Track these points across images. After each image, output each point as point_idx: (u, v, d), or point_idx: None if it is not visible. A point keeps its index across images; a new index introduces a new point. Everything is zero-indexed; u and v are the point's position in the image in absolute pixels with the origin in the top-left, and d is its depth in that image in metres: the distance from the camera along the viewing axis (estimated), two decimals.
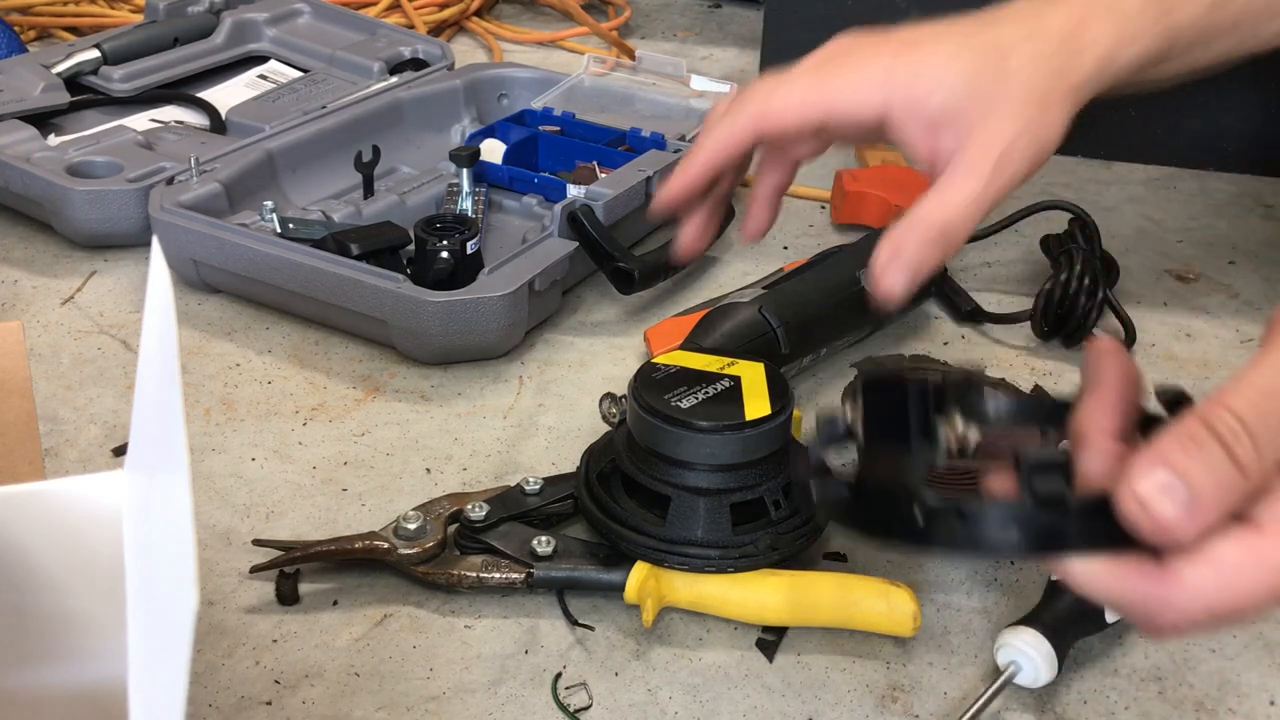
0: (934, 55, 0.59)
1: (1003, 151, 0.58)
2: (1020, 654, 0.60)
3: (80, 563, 0.48)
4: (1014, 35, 0.59)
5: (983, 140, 0.58)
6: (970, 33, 0.60)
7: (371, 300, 0.81)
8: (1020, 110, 0.58)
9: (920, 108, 0.58)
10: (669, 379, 0.65)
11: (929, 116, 0.58)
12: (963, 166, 0.58)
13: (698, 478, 0.63)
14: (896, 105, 0.59)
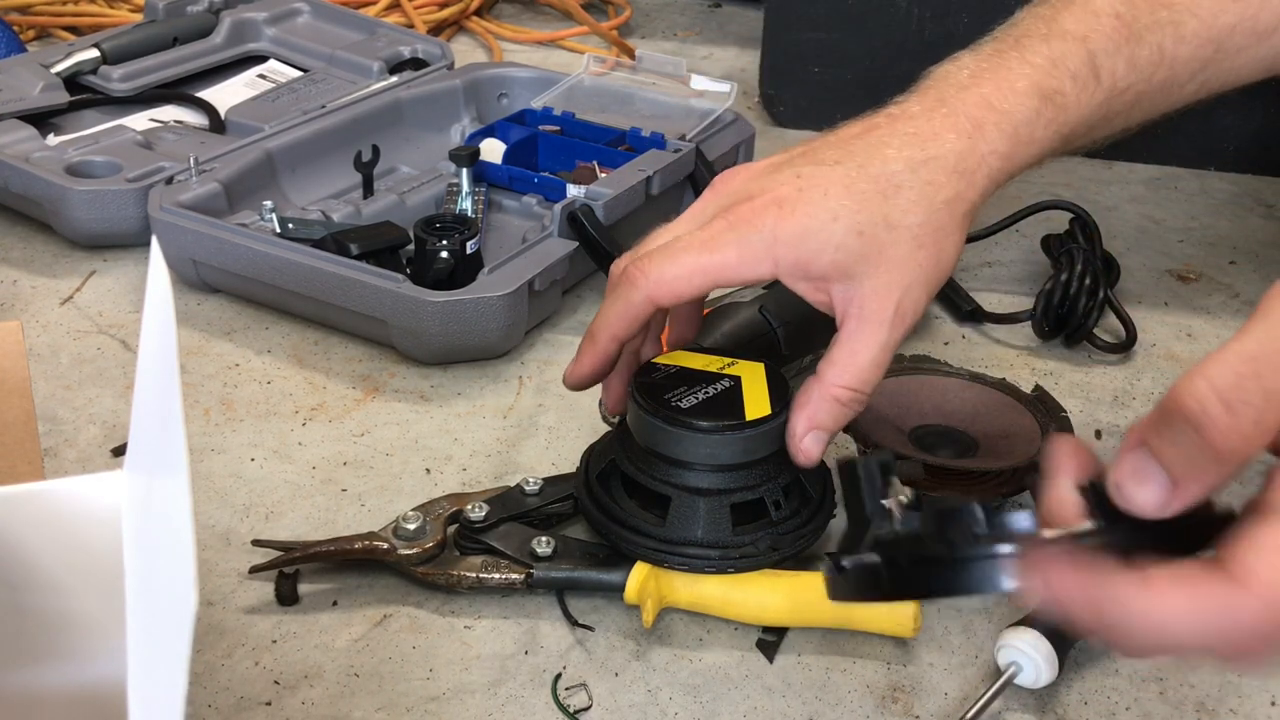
0: (818, 215, 0.58)
1: (898, 302, 0.59)
2: (1021, 654, 0.60)
3: (80, 563, 0.48)
4: (903, 164, 0.59)
5: (879, 293, 0.59)
6: (857, 163, 0.59)
7: (371, 300, 0.81)
8: (912, 256, 0.59)
9: (808, 268, 0.59)
10: (669, 379, 0.64)
11: (818, 274, 0.59)
12: (862, 324, 0.59)
13: (698, 478, 0.62)
14: (784, 268, 0.59)
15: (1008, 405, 0.73)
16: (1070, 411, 0.73)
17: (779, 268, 0.60)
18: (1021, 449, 0.69)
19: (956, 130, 0.60)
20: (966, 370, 0.76)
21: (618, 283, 0.62)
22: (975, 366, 0.81)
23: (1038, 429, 0.70)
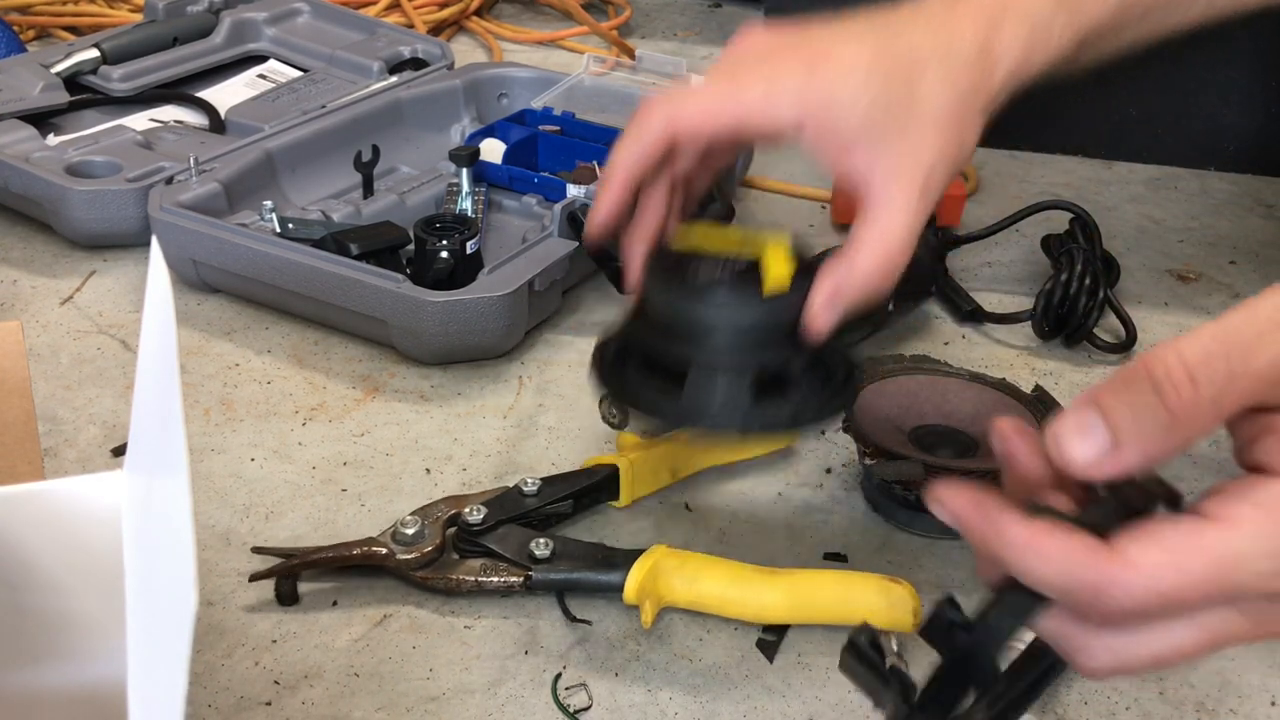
0: (848, 76, 0.58)
1: (925, 179, 0.58)
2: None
3: (80, 563, 0.48)
4: (927, 49, 0.59)
5: (905, 166, 0.58)
6: (882, 41, 0.59)
7: (371, 300, 0.81)
8: (936, 134, 0.58)
9: (834, 130, 0.58)
10: (687, 254, 0.61)
11: (843, 139, 0.58)
12: (889, 198, 0.58)
13: (715, 353, 0.58)
14: (810, 125, 0.58)
15: (1008, 405, 0.73)
16: None
17: (804, 120, 0.58)
18: None
19: (975, 25, 0.59)
20: (966, 370, 0.76)
21: (635, 117, 0.61)
22: (975, 366, 0.81)
23: (1038, 429, 0.70)
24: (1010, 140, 1.17)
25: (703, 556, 0.64)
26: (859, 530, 0.71)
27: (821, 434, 0.78)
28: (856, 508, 0.73)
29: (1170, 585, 0.40)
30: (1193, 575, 0.40)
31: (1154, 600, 0.40)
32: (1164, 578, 0.40)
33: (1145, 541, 0.40)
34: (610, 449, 0.75)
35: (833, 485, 0.74)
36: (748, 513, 0.72)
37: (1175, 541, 0.40)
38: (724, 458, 0.75)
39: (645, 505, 0.72)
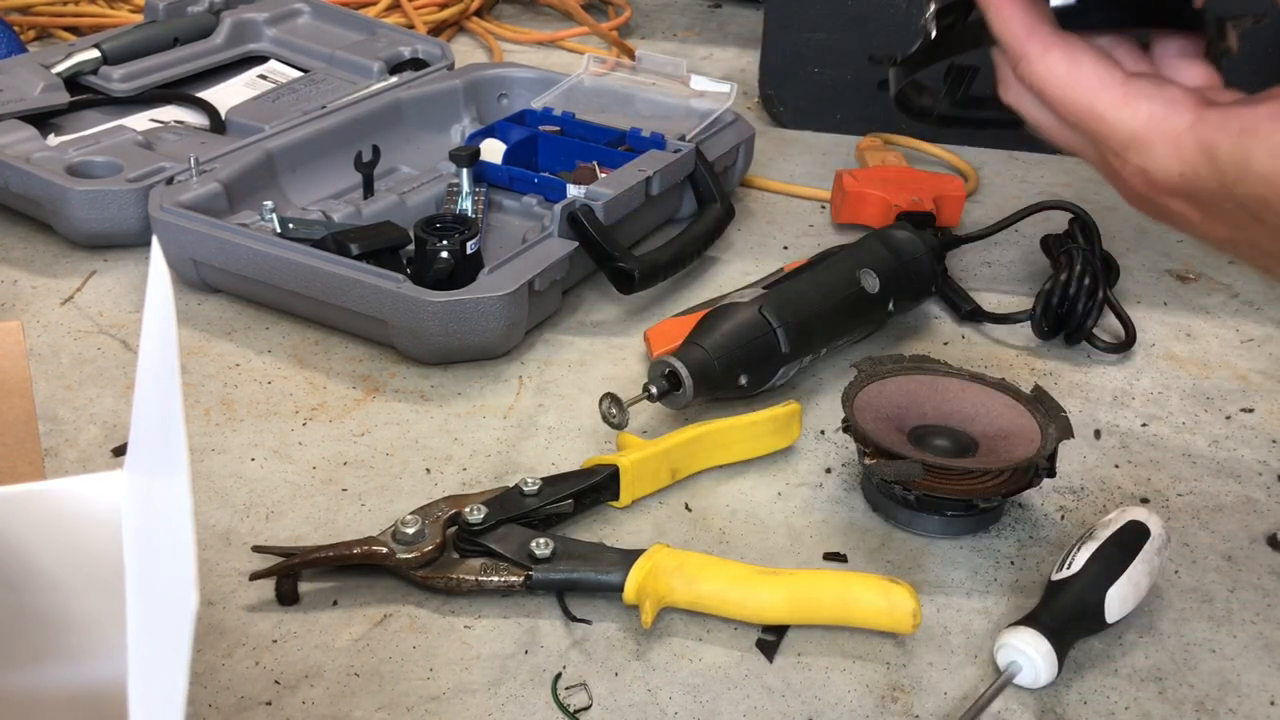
0: None
1: None
2: (1020, 654, 0.60)
3: (80, 563, 0.48)
4: None
5: None
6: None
7: (371, 300, 0.81)
8: None
9: None
10: None
11: None
12: None
13: None
14: None
15: (1007, 405, 0.73)
16: (1070, 411, 0.73)
17: None
18: (1021, 449, 0.69)
19: None
20: (966, 370, 0.76)
21: None
22: (975, 366, 0.81)
23: (1037, 429, 0.71)
24: (1010, 140, 1.17)
25: (703, 556, 0.64)
26: (859, 530, 0.71)
27: (822, 434, 0.78)
28: (856, 508, 0.73)
29: (1054, 94, 0.45)
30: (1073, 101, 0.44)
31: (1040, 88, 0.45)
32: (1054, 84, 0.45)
33: (1076, 54, 0.44)
34: (610, 449, 0.75)
35: (833, 485, 0.74)
36: (748, 513, 0.72)
37: (1089, 70, 0.44)
38: (724, 458, 0.75)
39: (645, 505, 0.72)
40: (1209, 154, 0.41)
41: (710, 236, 0.95)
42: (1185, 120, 0.42)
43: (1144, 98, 0.43)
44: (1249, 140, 0.40)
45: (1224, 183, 0.41)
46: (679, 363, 0.75)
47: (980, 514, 0.70)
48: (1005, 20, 0.45)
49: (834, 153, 1.17)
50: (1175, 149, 0.42)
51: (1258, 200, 0.41)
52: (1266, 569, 0.69)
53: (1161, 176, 0.43)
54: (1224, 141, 0.41)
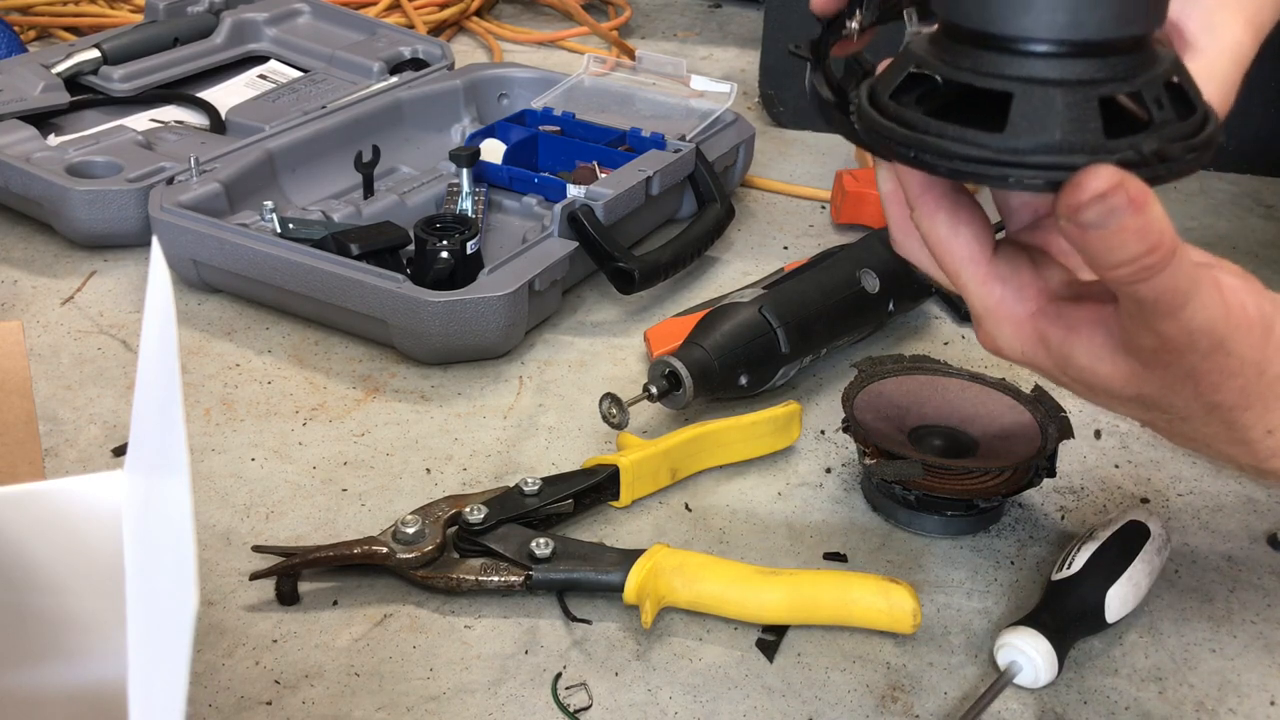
0: None
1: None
2: (1020, 654, 0.60)
3: (80, 563, 0.48)
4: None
5: None
6: None
7: (371, 300, 0.81)
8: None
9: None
10: None
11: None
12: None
13: (1051, 65, 0.44)
14: None
15: (1007, 405, 0.73)
16: (1070, 411, 0.73)
17: None
18: (1021, 448, 0.69)
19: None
20: (966, 370, 0.76)
21: None
22: (975, 366, 0.81)
23: (1037, 429, 0.71)
24: None
25: (703, 556, 0.64)
26: (859, 530, 0.71)
27: (822, 434, 0.78)
28: (856, 508, 0.73)
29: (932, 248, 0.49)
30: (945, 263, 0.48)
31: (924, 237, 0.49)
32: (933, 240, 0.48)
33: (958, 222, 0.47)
34: (610, 449, 0.75)
35: (833, 485, 0.74)
36: (748, 513, 0.72)
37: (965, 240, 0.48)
38: (724, 458, 0.75)
39: (645, 505, 0.72)
40: (1044, 341, 0.47)
41: (710, 236, 0.95)
42: (1027, 309, 0.47)
43: (998, 280, 0.47)
44: (1072, 337, 0.46)
45: (1057, 366, 0.48)
46: (679, 363, 0.75)
47: (980, 514, 0.70)
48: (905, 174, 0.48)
49: (834, 153, 1.17)
50: (1017, 331, 0.48)
51: (1084, 385, 0.49)
52: (1266, 569, 0.69)
53: (1007, 350, 0.49)
54: (1054, 335, 0.47)
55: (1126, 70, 0.45)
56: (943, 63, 0.46)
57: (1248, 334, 0.45)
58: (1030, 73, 0.44)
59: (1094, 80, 0.44)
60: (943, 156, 0.45)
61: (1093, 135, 0.44)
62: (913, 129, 0.46)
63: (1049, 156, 0.44)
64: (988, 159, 0.45)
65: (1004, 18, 0.44)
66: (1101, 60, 0.44)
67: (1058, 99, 0.44)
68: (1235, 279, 0.47)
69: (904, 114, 0.47)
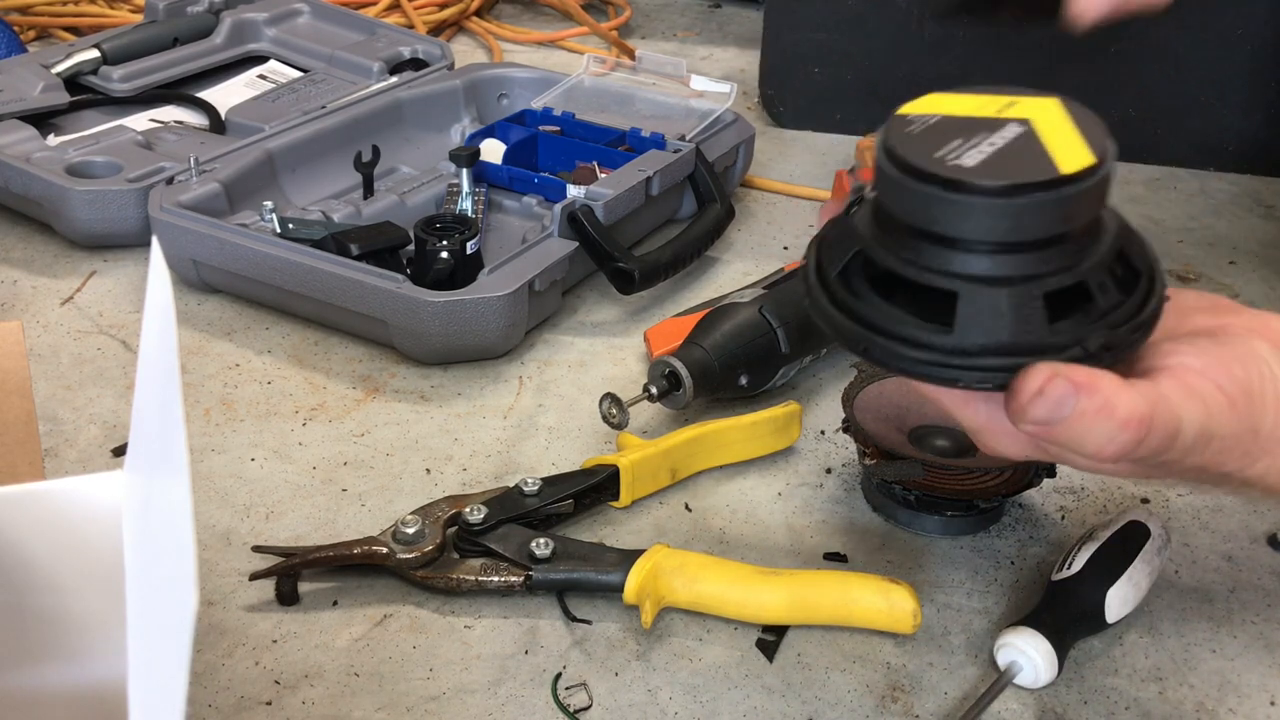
0: None
1: None
2: (1020, 654, 0.60)
3: (80, 563, 0.48)
4: None
5: None
6: None
7: (371, 300, 0.81)
8: None
9: None
10: (933, 130, 0.46)
11: None
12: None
13: (995, 262, 0.44)
14: None
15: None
16: None
17: None
18: None
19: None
20: None
21: None
22: None
23: None
24: None
25: (703, 556, 0.64)
26: (859, 530, 0.71)
27: (822, 434, 0.78)
28: (856, 508, 0.73)
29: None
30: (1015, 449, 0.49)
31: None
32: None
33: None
34: (610, 449, 0.75)
35: (833, 485, 0.74)
36: (748, 513, 0.72)
37: None
38: (724, 458, 0.75)
39: (645, 505, 0.72)
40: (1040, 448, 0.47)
41: (710, 236, 0.95)
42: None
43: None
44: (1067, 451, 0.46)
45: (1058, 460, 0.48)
46: (679, 363, 0.75)
47: (980, 514, 0.70)
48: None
49: (834, 153, 1.17)
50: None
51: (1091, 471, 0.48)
52: (1266, 569, 0.69)
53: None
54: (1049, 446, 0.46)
55: (1071, 258, 0.45)
56: (888, 250, 0.46)
57: (1229, 414, 0.45)
58: (974, 271, 0.44)
59: (1038, 275, 0.44)
60: (891, 355, 0.46)
61: (1038, 333, 0.44)
62: (861, 322, 0.47)
63: (996, 359, 0.44)
64: (937, 362, 0.45)
65: (942, 219, 0.44)
66: (1045, 253, 0.44)
67: (1003, 301, 0.44)
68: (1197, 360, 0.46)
69: (852, 304, 0.47)
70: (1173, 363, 0.45)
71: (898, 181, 0.45)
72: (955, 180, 0.43)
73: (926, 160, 0.44)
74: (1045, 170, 0.44)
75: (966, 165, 0.44)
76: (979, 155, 0.45)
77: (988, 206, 0.44)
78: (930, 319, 0.46)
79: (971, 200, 0.43)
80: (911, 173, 0.44)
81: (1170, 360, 0.45)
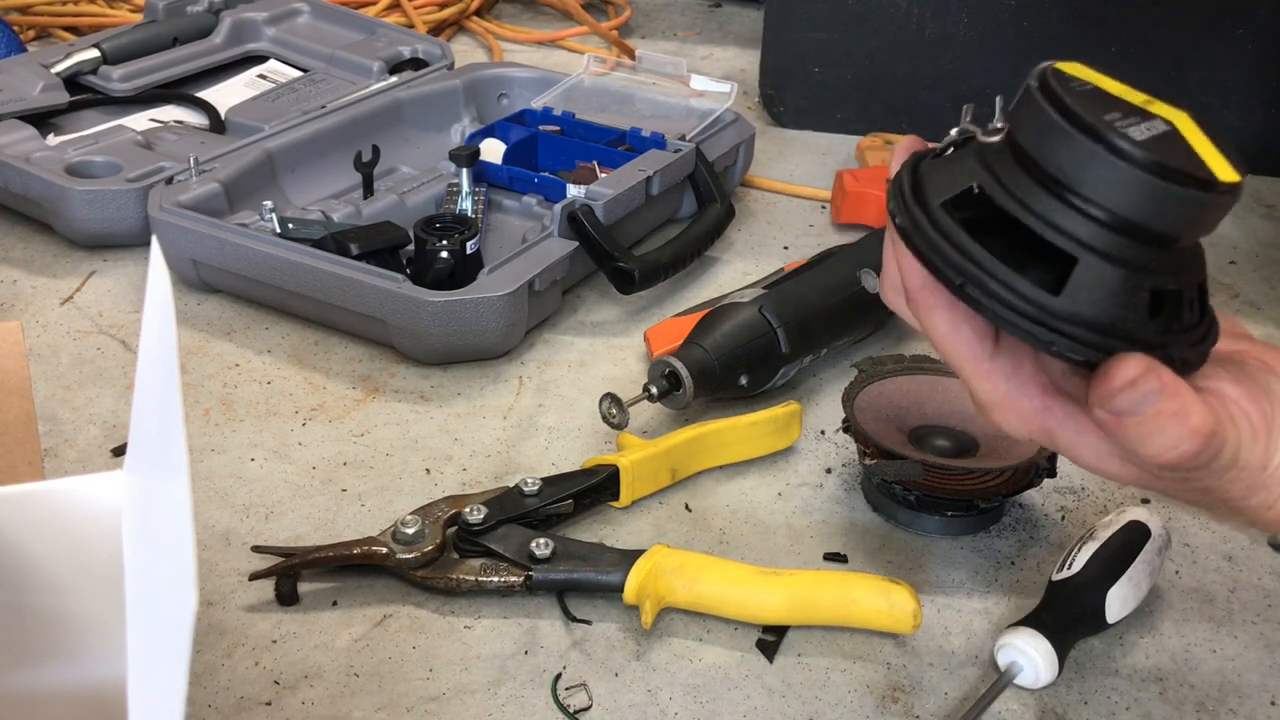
0: None
1: None
2: (1021, 654, 0.60)
3: (80, 563, 0.48)
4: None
5: None
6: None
7: (371, 300, 0.81)
8: None
9: None
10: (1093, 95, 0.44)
11: None
12: None
13: (1120, 242, 0.43)
14: None
15: None
16: None
17: None
18: (1022, 449, 0.69)
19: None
20: None
21: None
22: None
23: None
24: None
25: (703, 556, 0.64)
26: (859, 530, 0.71)
27: (822, 434, 0.78)
28: (856, 508, 0.73)
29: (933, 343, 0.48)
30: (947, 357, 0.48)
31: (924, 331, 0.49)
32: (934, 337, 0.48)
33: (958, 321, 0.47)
34: (610, 449, 0.75)
35: (833, 485, 0.74)
36: (748, 513, 0.72)
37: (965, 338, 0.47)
38: (724, 458, 0.75)
39: (645, 505, 0.72)
40: (1050, 436, 0.47)
41: (710, 236, 0.95)
42: (1032, 404, 0.47)
43: (1001, 376, 0.47)
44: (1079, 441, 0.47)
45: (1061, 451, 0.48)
46: (679, 363, 0.75)
47: (980, 514, 0.70)
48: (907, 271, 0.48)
49: (834, 153, 1.17)
50: (1024, 423, 0.48)
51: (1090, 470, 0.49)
52: (1266, 569, 0.69)
53: (1014, 433, 0.49)
54: (1061, 435, 0.47)
55: (1176, 265, 0.45)
56: (1009, 194, 0.44)
57: (1254, 444, 0.45)
58: (1097, 242, 0.43)
59: (1150, 269, 0.44)
60: (993, 299, 0.44)
61: (1137, 323, 0.44)
62: (967, 256, 0.45)
63: (1095, 335, 0.44)
64: (1036, 318, 0.44)
65: (1093, 182, 0.43)
66: (1160, 250, 0.44)
67: (1117, 280, 0.44)
68: (1234, 388, 0.46)
69: (956, 235, 0.45)
70: (1212, 385, 0.46)
71: (1062, 129, 0.43)
72: (1124, 149, 0.42)
73: (1099, 120, 0.42)
74: (1202, 171, 0.43)
75: (1135, 137, 0.42)
76: (1143, 133, 0.43)
77: (1146, 184, 0.42)
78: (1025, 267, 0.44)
79: (1133, 172, 0.42)
80: (1083, 127, 0.43)
81: (1210, 384, 0.46)
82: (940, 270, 0.45)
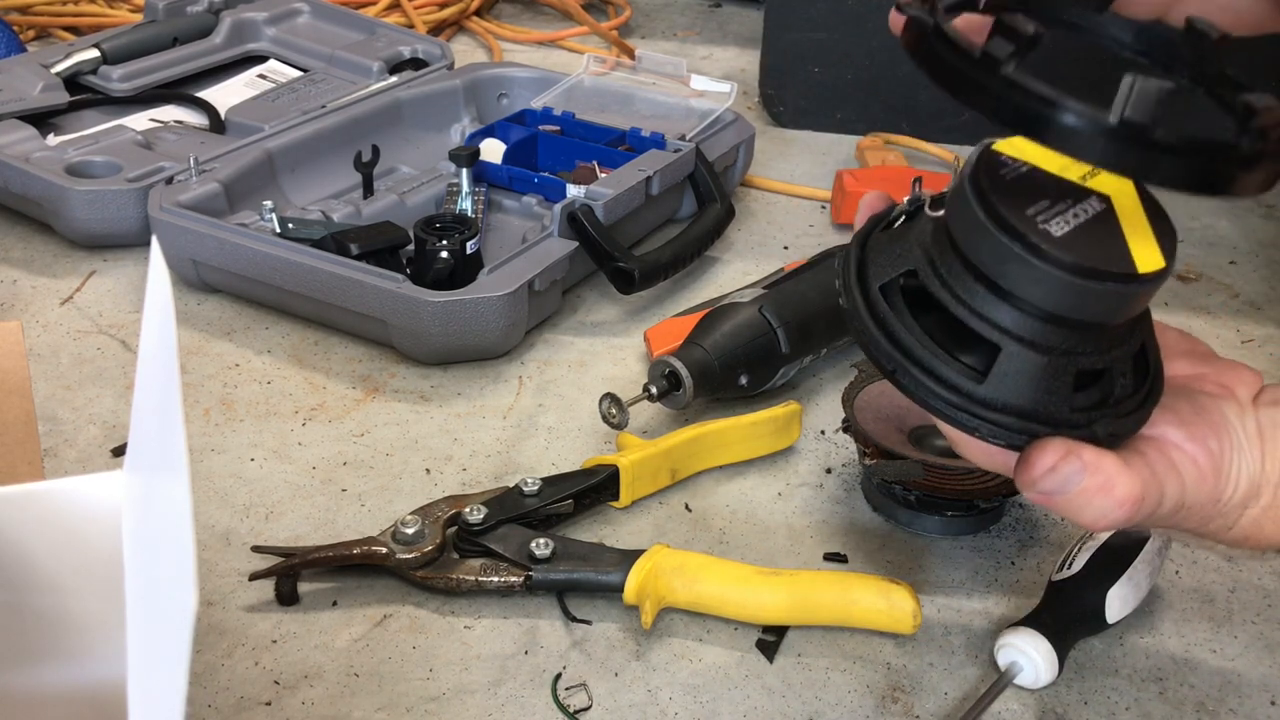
0: None
1: None
2: (1021, 654, 0.60)
3: (80, 563, 0.48)
4: None
5: None
6: None
7: (371, 300, 0.81)
8: None
9: None
10: (1024, 181, 0.46)
11: None
12: None
13: (1044, 330, 0.45)
14: None
15: None
16: None
17: None
18: None
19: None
20: None
21: None
22: None
23: None
24: None
25: (703, 557, 0.64)
26: (859, 530, 0.71)
27: (822, 434, 0.78)
28: (856, 508, 0.73)
29: None
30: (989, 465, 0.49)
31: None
32: None
33: None
34: (610, 449, 0.75)
35: (833, 485, 0.74)
36: (748, 513, 0.72)
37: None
38: (724, 458, 0.75)
39: (645, 505, 0.72)
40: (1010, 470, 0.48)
41: (710, 236, 0.95)
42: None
43: None
44: None
45: None
46: (679, 363, 0.75)
47: (980, 514, 0.70)
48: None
49: (834, 153, 1.17)
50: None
51: None
52: (1266, 569, 0.69)
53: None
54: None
55: (1105, 344, 0.46)
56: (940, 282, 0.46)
57: (1200, 486, 0.47)
58: (1021, 330, 0.45)
59: (1075, 352, 0.45)
60: (919, 387, 0.47)
61: (1060, 407, 0.46)
62: (896, 345, 0.47)
63: (1017, 420, 0.46)
64: (961, 406, 0.46)
65: (1013, 278, 0.45)
66: (1088, 333, 0.46)
67: (1039, 367, 0.45)
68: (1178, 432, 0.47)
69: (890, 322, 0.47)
70: (1157, 434, 0.47)
71: (983, 227, 0.45)
72: (1042, 249, 0.43)
73: (1019, 218, 0.44)
74: (1122, 262, 0.44)
75: (1054, 234, 0.44)
76: (1064, 226, 0.45)
77: (1063, 282, 0.44)
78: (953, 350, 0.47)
79: (1051, 272, 0.44)
80: (1003, 226, 0.44)
81: (1155, 431, 0.47)
82: (873, 355, 0.48)
